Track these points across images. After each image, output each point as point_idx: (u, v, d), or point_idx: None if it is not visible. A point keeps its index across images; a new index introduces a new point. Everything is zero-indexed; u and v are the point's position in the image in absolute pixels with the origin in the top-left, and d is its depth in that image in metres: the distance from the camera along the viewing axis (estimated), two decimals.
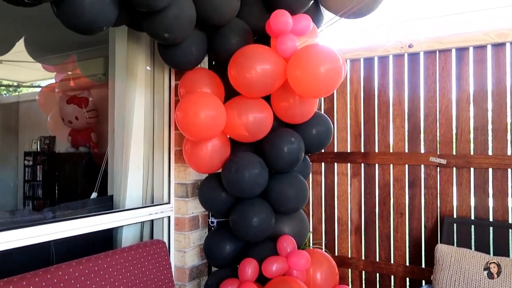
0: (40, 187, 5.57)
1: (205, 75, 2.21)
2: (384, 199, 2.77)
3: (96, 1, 1.51)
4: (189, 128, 1.97)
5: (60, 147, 5.19)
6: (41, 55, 3.80)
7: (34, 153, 5.62)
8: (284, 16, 1.91)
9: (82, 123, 4.58)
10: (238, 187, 2.14)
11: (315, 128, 2.32)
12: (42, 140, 5.70)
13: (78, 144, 4.75)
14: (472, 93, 2.50)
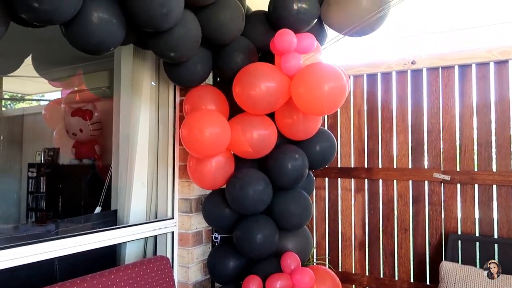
0: (43, 199, 5.59)
1: (210, 92, 2.23)
2: (388, 215, 2.76)
3: (104, 22, 1.54)
4: (194, 145, 1.98)
5: (64, 159, 5.22)
6: (48, 72, 3.85)
7: (38, 164, 5.65)
8: (288, 35, 1.94)
9: (86, 135, 4.60)
10: (242, 204, 2.14)
11: (319, 145, 2.32)
12: (46, 152, 5.73)
13: (82, 156, 4.77)
14: (475, 110, 2.51)
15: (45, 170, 5.58)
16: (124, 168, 2.57)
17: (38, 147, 5.67)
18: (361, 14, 2.04)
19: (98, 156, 4.72)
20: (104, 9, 1.54)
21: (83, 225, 2.39)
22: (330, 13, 2.14)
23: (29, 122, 5.83)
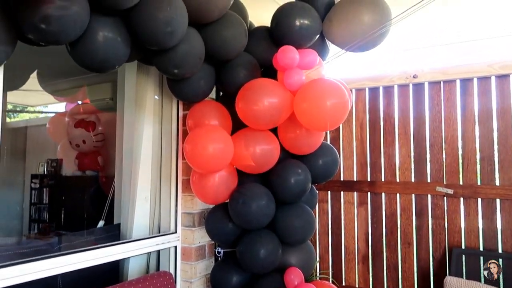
0: (46, 210, 5.59)
1: (213, 107, 2.25)
2: (391, 229, 2.76)
3: (109, 41, 1.56)
4: (197, 161, 1.99)
5: (67, 170, 5.23)
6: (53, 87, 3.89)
7: (41, 175, 5.67)
8: (290, 52, 1.96)
9: (89, 146, 4.62)
10: (245, 219, 2.14)
11: (322, 159, 2.33)
12: (49, 163, 5.75)
13: (84, 167, 4.78)
14: (477, 124, 2.52)
15: (48, 181, 5.60)
16: (128, 182, 2.57)
17: (41, 158, 5.70)
18: (363, 30, 2.07)
19: (101, 167, 4.73)
20: (109, 28, 1.56)
21: (87, 240, 2.38)
22: (332, 29, 2.16)
23: (33, 134, 5.86)
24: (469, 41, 3.22)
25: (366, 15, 2.07)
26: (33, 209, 5.69)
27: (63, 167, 5.38)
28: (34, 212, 5.67)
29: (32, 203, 5.67)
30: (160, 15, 1.58)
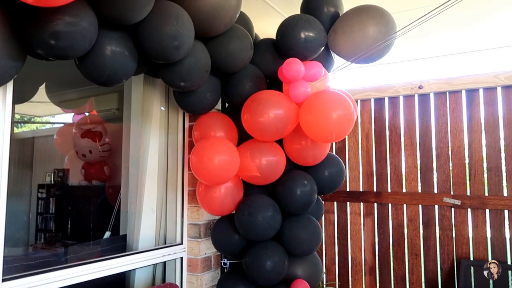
0: (52, 220, 5.62)
1: (219, 119, 2.26)
2: (398, 240, 2.74)
3: (117, 55, 1.58)
4: (203, 173, 2.00)
5: (73, 179, 5.26)
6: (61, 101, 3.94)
7: (48, 185, 5.70)
8: (296, 64, 1.97)
9: (96, 156, 4.65)
10: (252, 230, 2.14)
11: (328, 170, 2.33)
12: (56, 173, 5.79)
13: (91, 177, 4.80)
14: (484, 134, 2.51)
15: (54, 191, 5.64)
16: (134, 192, 2.58)
17: (48, 168, 5.75)
18: (368, 43, 2.07)
19: (107, 177, 4.76)
20: (117, 43, 1.58)
21: (93, 251, 2.39)
22: (337, 41, 2.17)
23: (40, 144, 5.91)
24: (474, 51, 3.22)
25: (371, 27, 2.08)
26: (39, 218, 5.71)
27: (70, 177, 5.42)
28: (41, 222, 5.70)
29: (39, 213, 5.70)
30: (167, 29, 1.61)
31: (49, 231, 5.55)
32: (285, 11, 2.60)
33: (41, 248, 4.83)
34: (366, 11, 2.12)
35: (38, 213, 5.69)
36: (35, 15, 1.30)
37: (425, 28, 2.69)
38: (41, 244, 5.36)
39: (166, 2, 1.65)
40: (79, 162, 4.74)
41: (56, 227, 5.42)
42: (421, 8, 2.50)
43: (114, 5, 1.43)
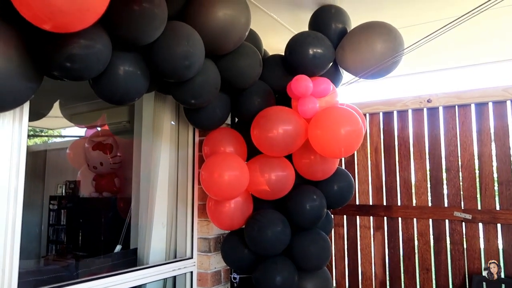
0: (63, 231, 5.67)
1: (228, 134, 2.29)
2: (408, 254, 2.72)
3: (130, 76, 1.62)
4: (214, 188, 2.02)
5: (84, 191, 5.32)
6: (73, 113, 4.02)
7: (59, 197, 5.77)
8: (304, 81, 2.00)
9: (106, 168, 4.71)
10: (261, 246, 2.15)
11: (337, 184, 2.34)
12: (67, 185, 5.86)
13: (101, 189, 4.86)
14: (494, 148, 2.50)
15: (66, 202, 5.70)
16: (145, 207, 2.61)
17: (59, 180, 5.83)
18: (376, 58, 2.10)
19: (117, 189, 4.81)
20: (130, 63, 1.62)
21: (105, 265, 2.42)
22: (345, 57, 2.19)
23: (52, 156, 6.01)
24: (483, 64, 3.22)
25: (379, 43, 2.10)
26: (51, 230, 5.77)
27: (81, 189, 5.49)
28: (52, 233, 5.76)
29: (50, 224, 5.76)
30: (179, 49, 1.65)
31: (60, 242, 5.60)
32: (293, 26, 2.63)
33: (52, 260, 4.87)
34: (374, 27, 2.15)
35: (49, 225, 5.76)
36: (52, 38, 1.35)
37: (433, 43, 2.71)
38: (52, 256, 5.41)
39: (177, 23, 1.70)
40: (90, 174, 4.81)
41: (67, 239, 5.47)
42: (428, 23, 2.52)
43: (128, 28, 1.48)
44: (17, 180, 1.63)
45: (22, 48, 1.37)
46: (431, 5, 2.36)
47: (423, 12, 2.43)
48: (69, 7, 1.11)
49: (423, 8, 2.39)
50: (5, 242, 1.58)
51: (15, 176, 1.62)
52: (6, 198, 1.60)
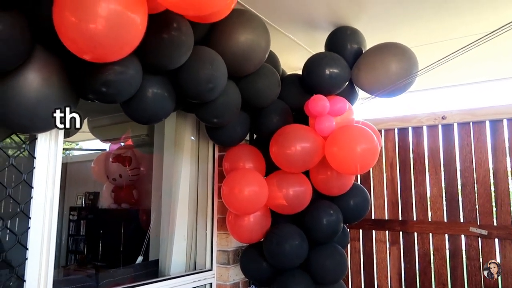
0: (83, 242, 5.81)
1: (248, 151, 2.38)
2: (424, 269, 2.74)
3: (158, 98, 1.73)
4: (234, 203, 2.11)
5: (103, 202, 5.46)
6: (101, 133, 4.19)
7: (79, 208, 5.93)
8: (322, 100, 2.08)
9: (125, 180, 4.84)
10: (279, 259, 2.22)
11: (353, 200, 2.40)
12: (87, 196, 6.02)
13: (120, 200, 4.99)
14: (509, 165, 2.53)
15: (85, 213, 5.85)
16: (166, 219, 2.71)
17: (79, 191, 5.99)
18: (390, 78, 2.17)
19: (136, 200, 4.93)
20: (158, 86, 1.73)
21: (128, 276, 2.51)
22: (361, 77, 2.28)
23: (72, 168, 6.18)
24: (497, 80, 3.26)
25: (393, 64, 2.18)
26: (70, 240, 5.92)
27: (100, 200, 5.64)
28: (72, 243, 5.90)
29: (70, 235, 5.91)
30: (203, 73, 1.75)
31: (79, 252, 5.73)
32: (309, 46, 2.72)
33: (73, 270, 5.00)
34: (389, 48, 2.23)
35: (69, 235, 5.91)
36: (89, 66, 1.46)
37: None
38: (73, 265, 5.54)
39: (202, 48, 1.81)
40: (110, 186, 4.95)
41: (87, 249, 5.60)
42: (440, 42, 2.58)
43: (158, 55, 1.59)
44: (53, 192, 1.75)
45: (62, 75, 1.49)
46: (442, 25, 2.43)
47: (436, 31, 2.50)
48: (109, 42, 1.22)
49: (436, 28, 2.46)
50: (41, 251, 1.70)
51: (51, 189, 1.75)
52: (43, 209, 1.71)
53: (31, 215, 1.69)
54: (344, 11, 2.31)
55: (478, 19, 2.34)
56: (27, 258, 1.66)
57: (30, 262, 1.66)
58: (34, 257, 1.68)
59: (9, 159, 1.65)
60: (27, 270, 1.65)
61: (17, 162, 1.67)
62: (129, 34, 1.26)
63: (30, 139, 1.70)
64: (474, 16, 2.31)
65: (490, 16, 2.30)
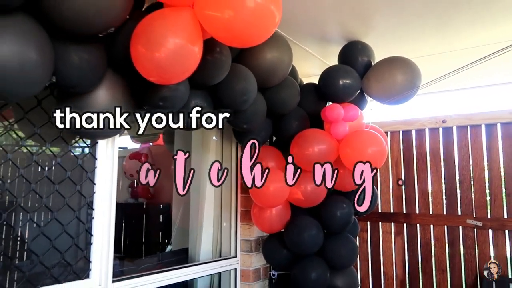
0: None
1: (270, 151, 2.70)
2: (426, 257, 3.07)
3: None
4: (261, 198, 2.44)
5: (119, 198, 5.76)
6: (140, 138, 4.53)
7: None
8: (337, 109, 2.39)
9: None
10: (299, 247, 2.54)
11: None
12: None
13: (137, 195, 5.31)
14: (502, 163, 2.84)
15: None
16: (195, 213, 3.04)
17: None
18: (397, 88, 2.48)
19: (151, 195, 5.26)
20: (200, 99, 2.04)
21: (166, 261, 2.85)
22: (370, 86, 2.58)
23: None
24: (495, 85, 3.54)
25: (399, 75, 2.49)
26: None
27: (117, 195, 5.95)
28: None
29: None
30: (238, 87, 2.06)
31: None
32: (323, 56, 3.02)
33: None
34: (395, 62, 2.53)
35: None
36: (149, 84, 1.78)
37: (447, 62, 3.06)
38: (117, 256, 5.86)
39: (237, 65, 2.12)
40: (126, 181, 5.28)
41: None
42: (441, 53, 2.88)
43: (203, 74, 1.89)
44: (111, 187, 2.08)
45: (126, 92, 1.81)
46: (442, 39, 2.72)
47: (436, 45, 2.80)
48: (172, 69, 1.53)
49: (436, 42, 2.76)
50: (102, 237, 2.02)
51: (110, 184, 2.07)
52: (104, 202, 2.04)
53: (94, 207, 2.01)
54: (354, 28, 2.60)
55: (473, 34, 2.63)
56: (92, 243, 1.99)
57: (94, 245, 1.99)
58: (97, 241, 2.00)
59: (77, 160, 1.97)
60: (92, 252, 1.98)
61: (83, 163, 1.99)
62: (189, 63, 1.57)
63: (92, 143, 2.03)
64: (470, 32, 2.60)
65: (483, 32, 2.59)
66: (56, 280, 1.84)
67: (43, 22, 1.36)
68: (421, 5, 2.27)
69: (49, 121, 1.78)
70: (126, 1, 1.45)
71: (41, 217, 1.91)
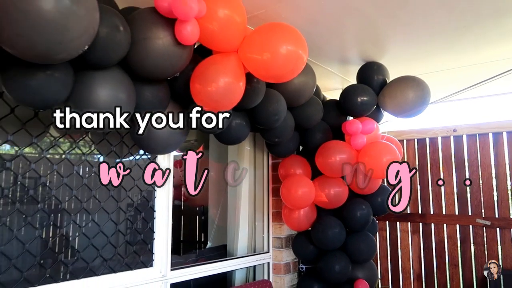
0: None
1: (297, 160, 3.10)
2: (440, 253, 3.39)
3: (239, 127, 2.46)
4: (291, 201, 2.84)
5: None
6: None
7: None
8: (356, 124, 2.78)
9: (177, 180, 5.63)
10: (324, 243, 2.93)
11: (380, 197, 3.07)
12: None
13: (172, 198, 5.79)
14: (508, 168, 3.14)
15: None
16: (232, 213, 3.47)
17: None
18: (408, 104, 2.84)
19: (186, 198, 5.74)
20: (240, 119, 2.46)
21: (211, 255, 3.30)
22: (385, 102, 2.94)
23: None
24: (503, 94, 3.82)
25: (411, 92, 2.84)
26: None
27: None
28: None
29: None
30: (271, 108, 2.47)
31: None
32: (343, 74, 3.41)
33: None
34: (407, 80, 2.88)
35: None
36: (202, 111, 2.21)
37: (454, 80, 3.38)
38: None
39: (270, 90, 2.52)
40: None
41: None
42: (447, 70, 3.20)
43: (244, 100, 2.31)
44: (168, 191, 2.53)
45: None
46: (448, 57, 3.05)
47: (442, 62, 3.13)
48: (222, 101, 1.96)
49: (443, 59, 3.08)
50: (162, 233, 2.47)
51: (167, 189, 2.53)
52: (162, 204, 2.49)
53: (156, 209, 2.47)
54: (371, 50, 2.98)
55: (477, 52, 2.95)
56: (154, 238, 2.44)
57: (156, 241, 2.44)
58: (159, 237, 2.46)
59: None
60: (155, 247, 2.44)
61: None
62: (235, 96, 2.00)
63: (153, 157, 2.49)
64: (474, 51, 2.93)
65: (485, 52, 2.91)
66: (129, 267, 2.30)
67: (129, 72, 1.81)
68: (430, 31, 2.61)
69: (121, 141, 2.27)
70: (189, 54, 1.88)
71: (118, 217, 2.40)
